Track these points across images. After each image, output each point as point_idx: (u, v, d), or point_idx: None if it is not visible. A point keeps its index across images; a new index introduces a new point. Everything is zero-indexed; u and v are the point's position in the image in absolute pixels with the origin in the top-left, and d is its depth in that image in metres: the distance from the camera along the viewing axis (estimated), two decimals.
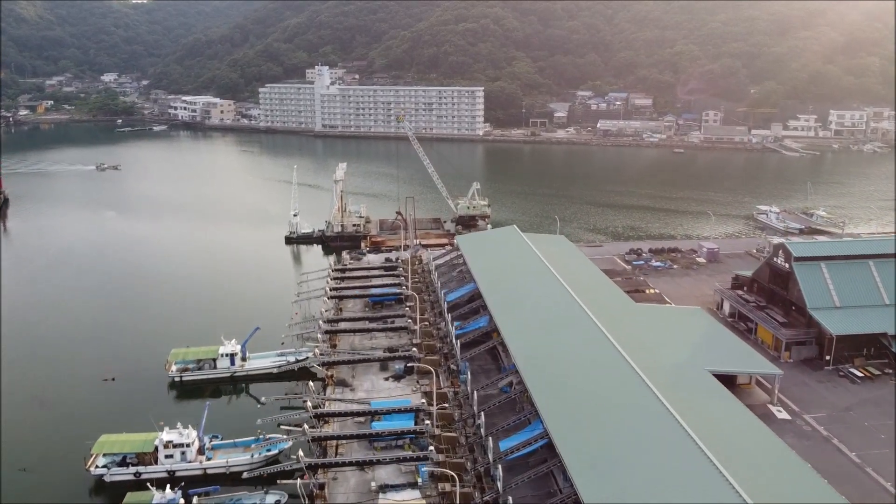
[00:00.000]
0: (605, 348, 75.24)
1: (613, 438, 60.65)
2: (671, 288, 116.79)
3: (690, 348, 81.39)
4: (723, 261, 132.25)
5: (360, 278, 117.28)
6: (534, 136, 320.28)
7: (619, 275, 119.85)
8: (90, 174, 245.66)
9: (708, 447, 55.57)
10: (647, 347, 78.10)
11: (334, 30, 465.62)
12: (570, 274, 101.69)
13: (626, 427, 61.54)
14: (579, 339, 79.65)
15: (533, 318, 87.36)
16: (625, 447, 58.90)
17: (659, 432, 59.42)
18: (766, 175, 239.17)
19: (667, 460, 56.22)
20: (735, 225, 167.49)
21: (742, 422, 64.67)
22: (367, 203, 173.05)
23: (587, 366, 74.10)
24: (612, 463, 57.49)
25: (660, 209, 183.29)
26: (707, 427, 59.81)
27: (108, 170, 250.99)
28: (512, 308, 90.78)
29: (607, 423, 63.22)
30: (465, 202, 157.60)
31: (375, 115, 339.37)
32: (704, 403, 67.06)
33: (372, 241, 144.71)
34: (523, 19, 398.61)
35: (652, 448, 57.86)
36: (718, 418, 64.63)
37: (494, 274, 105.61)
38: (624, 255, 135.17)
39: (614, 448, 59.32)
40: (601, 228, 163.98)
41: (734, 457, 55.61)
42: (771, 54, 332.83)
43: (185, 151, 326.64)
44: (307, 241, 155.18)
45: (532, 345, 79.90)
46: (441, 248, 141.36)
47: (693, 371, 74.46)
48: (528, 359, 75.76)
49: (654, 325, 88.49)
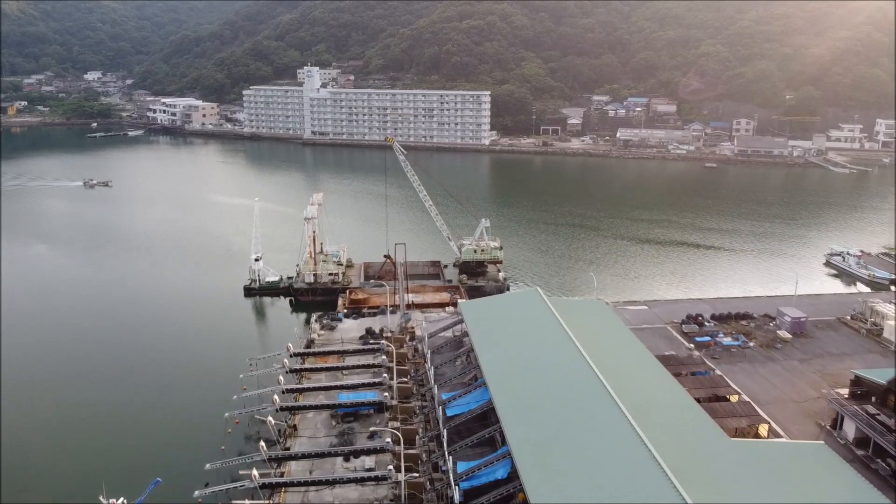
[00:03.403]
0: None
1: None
2: (755, 384, 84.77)
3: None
4: (812, 334, 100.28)
5: (327, 371, 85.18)
6: (546, 146, 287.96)
7: (682, 364, 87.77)
8: (77, 193, 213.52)
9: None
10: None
11: (329, 27, 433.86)
12: (621, 375, 70.20)
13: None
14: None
15: (579, 474, 55.29)
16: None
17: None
18: (818, 197, 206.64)
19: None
20: (804, 269, 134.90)
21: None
22: (350, 239, 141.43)
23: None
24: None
25: (706, 246, 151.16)
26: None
27: (97, 186, 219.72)
28: (547, 447, 58.68)
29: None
30: (472, 243, 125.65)
31: (370, 121, 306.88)
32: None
33: (351, 300, 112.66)
34: (533, 16, 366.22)
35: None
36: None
37: (514, 371, 73.72)
38: (679, 323, 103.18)
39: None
40: (641, 275, 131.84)
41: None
42: (808, 56, 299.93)
43: (158, 162, 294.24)
44: (272, 292, 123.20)
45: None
46: (440, 309, 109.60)
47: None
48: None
49: (768, 483, 56.22)
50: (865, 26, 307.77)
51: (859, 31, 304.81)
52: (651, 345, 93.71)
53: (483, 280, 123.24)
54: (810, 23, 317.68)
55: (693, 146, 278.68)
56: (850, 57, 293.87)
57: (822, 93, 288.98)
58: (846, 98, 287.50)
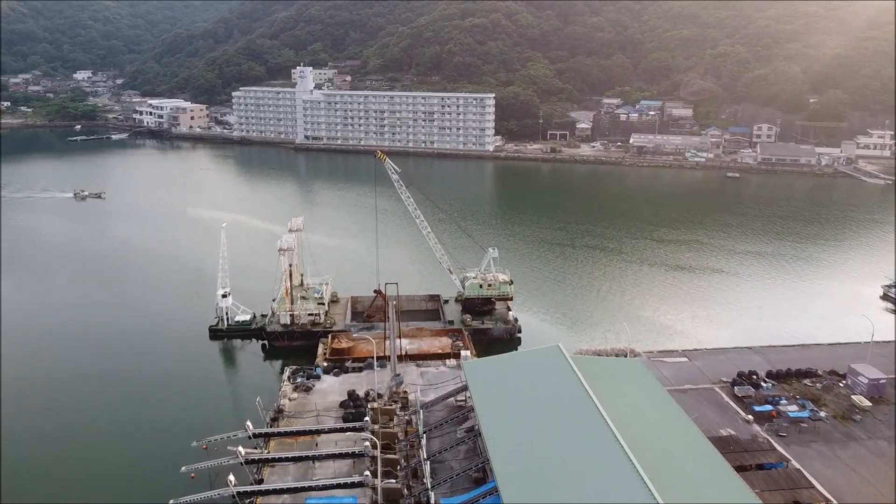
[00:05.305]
0: None
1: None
2: (841, 478, 66.62)
3: None
4: (893, 398, 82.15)
5: (295, 461, 66.85)
6: (554, 152, 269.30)
7: (745, 449, 69.53)
8: (69, 206, 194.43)
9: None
10: None
11: (325, 25, 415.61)
12: (671, 475, 53.08)
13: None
14: None
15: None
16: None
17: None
18: (857, 213, 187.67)
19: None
20: (860, 305, 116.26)
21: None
22: (339, 265, 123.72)
23: None
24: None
25: (745, 276, 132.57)
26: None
27: (88, 198, 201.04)
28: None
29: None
30: (477, 277, 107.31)
31: (367, 125, 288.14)
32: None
33: (333, 349, 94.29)
34: (539, 14, 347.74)
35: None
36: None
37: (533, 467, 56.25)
38: (730, 384, 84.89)
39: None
40: (675, 312, 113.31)
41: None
42: (834, 57, 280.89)
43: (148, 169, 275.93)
44: (243, 333, 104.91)
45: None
46: (440, 362, 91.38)
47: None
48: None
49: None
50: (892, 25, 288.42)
51: (887, 32, 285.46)
52: (699, 415, 75.98)
53: (490, 321, 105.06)
54: (836, 22, 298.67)
55: (712, 153, 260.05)
56: (878, 58, 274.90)
57: (849, 96, 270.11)
58: (875, 102, 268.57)
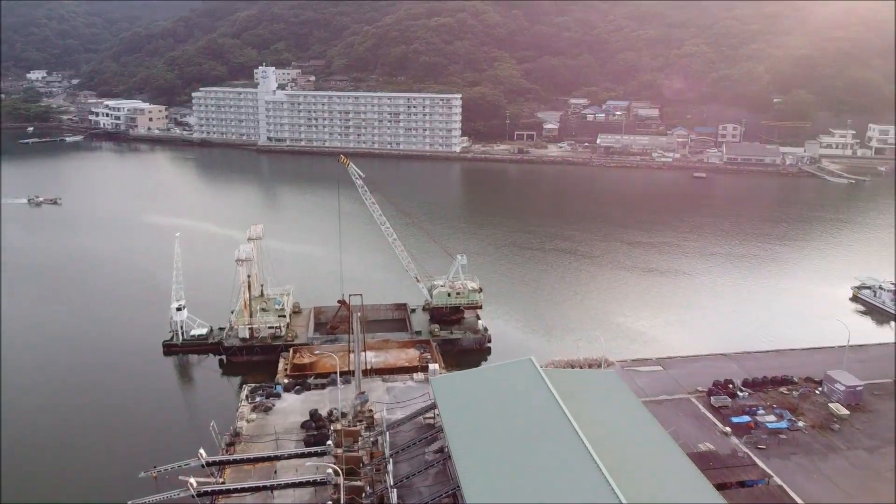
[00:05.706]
0: None
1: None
2: (823, 493, 64.25)
3: None
4: (871, 405, 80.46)
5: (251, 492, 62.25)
6: (522, 153, 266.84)
7: (725, 465, 66.78)
8: (23, 212, 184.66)
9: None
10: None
11: (289, 24, 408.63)
12: (647, 497, 49.80)
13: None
14: None
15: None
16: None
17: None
18: (823, 213, 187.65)
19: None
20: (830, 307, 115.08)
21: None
22: (301, 273, 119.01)
23: None
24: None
25: (716, 277, 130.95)
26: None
27: (44, 204, 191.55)
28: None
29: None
30: (445, 285, 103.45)
31: (331, 126, 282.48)
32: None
33: (294, 365, 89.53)
34: (506, 14, 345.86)
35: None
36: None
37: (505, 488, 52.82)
38: (706, 393, 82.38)
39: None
40: (648, 317, 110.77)
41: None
42: (798, 58, 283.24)
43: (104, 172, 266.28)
44: (199, 347, 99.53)
45: None
46: (407, 376, 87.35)
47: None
48: None
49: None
50: (857, 27, 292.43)
51: (851, 32, 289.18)
52: (676, 427, 73.09)
53: (459, 330, 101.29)
54: (800, 22, 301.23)
55: (679, 153, 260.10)
56: (842, 59, 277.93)
57: (814, 96, 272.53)
58: (838, 102, 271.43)
